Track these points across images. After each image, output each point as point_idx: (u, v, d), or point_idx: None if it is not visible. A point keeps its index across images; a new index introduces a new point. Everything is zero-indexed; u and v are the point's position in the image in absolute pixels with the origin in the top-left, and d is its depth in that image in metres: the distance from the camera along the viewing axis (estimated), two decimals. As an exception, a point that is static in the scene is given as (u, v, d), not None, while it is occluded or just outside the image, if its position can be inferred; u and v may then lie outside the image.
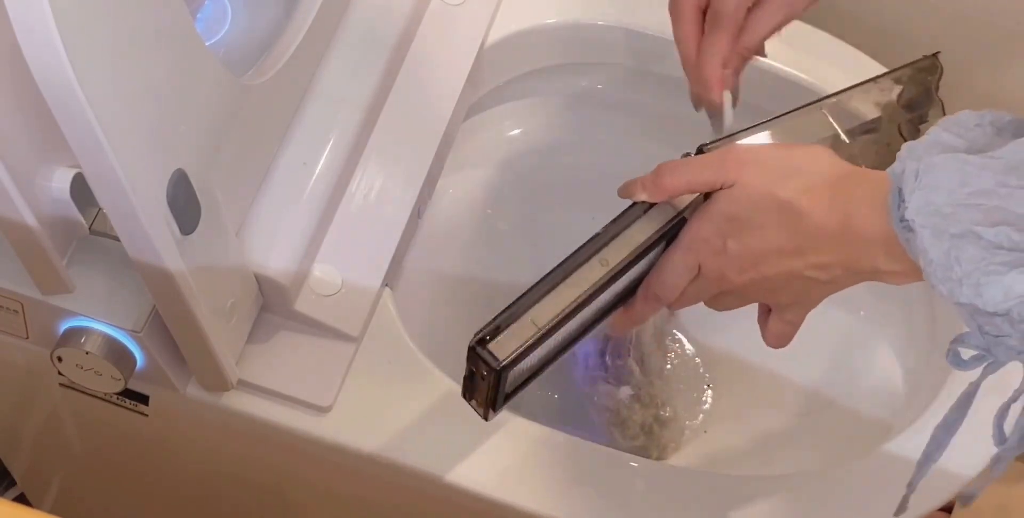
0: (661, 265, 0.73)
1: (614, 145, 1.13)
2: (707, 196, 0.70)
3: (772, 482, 0.88)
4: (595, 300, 0.71)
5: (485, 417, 0.74)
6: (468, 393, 0.73)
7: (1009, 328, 0.58)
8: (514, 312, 0.69)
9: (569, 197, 1.13)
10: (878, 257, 0.65)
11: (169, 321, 0.75)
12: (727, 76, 0.83)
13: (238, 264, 0.78)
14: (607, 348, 1.06)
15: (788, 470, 0.95)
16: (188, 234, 0.67)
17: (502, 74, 1.06)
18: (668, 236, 0.72)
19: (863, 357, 1.06)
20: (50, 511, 0.68)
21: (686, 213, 0.72)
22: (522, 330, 0.68)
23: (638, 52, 1.05)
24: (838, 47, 1.04)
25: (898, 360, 1.04)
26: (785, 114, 0.80)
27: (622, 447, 1.01)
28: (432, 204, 1.01)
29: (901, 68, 0.83)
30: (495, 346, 0.68)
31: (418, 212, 0.93)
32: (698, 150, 0.74)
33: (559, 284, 0.70)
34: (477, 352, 0.68)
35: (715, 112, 0.84)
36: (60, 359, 0.78)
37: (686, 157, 0.73)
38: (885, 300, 1.04)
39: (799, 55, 0.85)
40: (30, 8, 0.51)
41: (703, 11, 0.83)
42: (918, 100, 0.82)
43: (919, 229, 0.59)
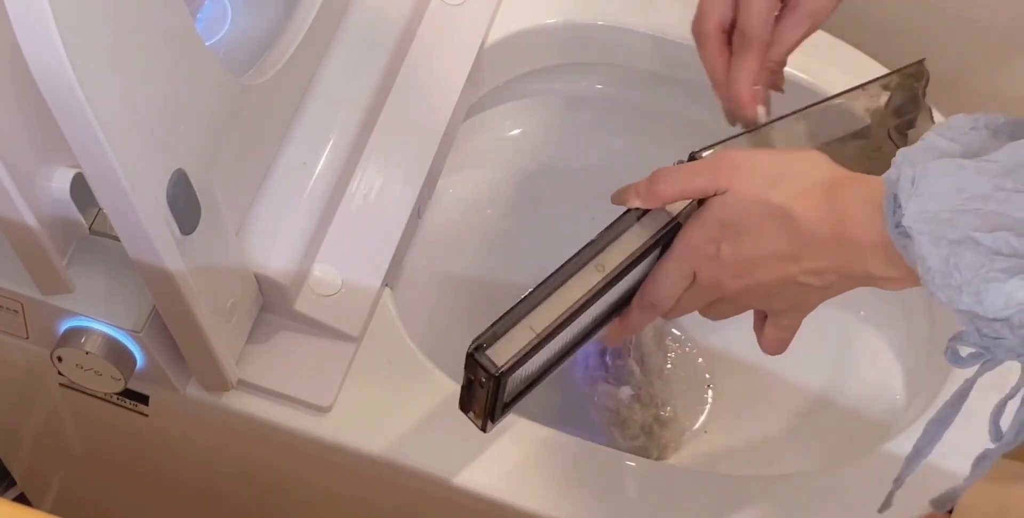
0: (655, 273, 0.73)
1: (614, 145, 1.13)
2: (701, 202, 0.70)
3: (772, 482, 0.88)
4: (592, 305, 0.70)
5: (483, 428, 0.74)
6: (465, 404, 0.73)
7: (1008, 333, 0.58)
8: (511, 318, 0.68)
9: (569, 197, 1.13)
10: (873, 263, 0.64)
11: (169, 321, 0.75)
12: (758, 92, 0.82)
13: (238, 264, 0.78)
14: (607, 348, 1.06)
15: (788, 470, 0.95)
16: (188, 234, 0.67)
17: (502, 74, 1.06)
18: (663, 242, 0.72)
19: (863, 357, 1.06)
20: (50, 511, 0.68)
21: (680, 219, 0.71)
22: (520, 336, 0.68)
23: (638, 52, 1.05)
24: (837, 47, 1.04)
25: (898, 360, 1.04)
26: (775, 120, 0.80)
27: (622, 447, 1.01)
28: (432, 204, 1.01)
29: (888, 75, 0.83)
30: (493, 352, 0.68)
31: (418, 212, 0.93)
32: (691, 157, 0.73)
33: (556, 290, 0.69)
34: (475, 358, 0.68)
35: (751, 128, 0.84)
36: (60, 359, 0.78)
37: (679, 164, 0.73)
38: (885, 300, 1.04)
39: (798, 55, 0.85)
40: (30, 8, 0.51)
41: (726, 31, 0.82)
42: (906, 106, 0.82)
43: (917, 235, 0.59)
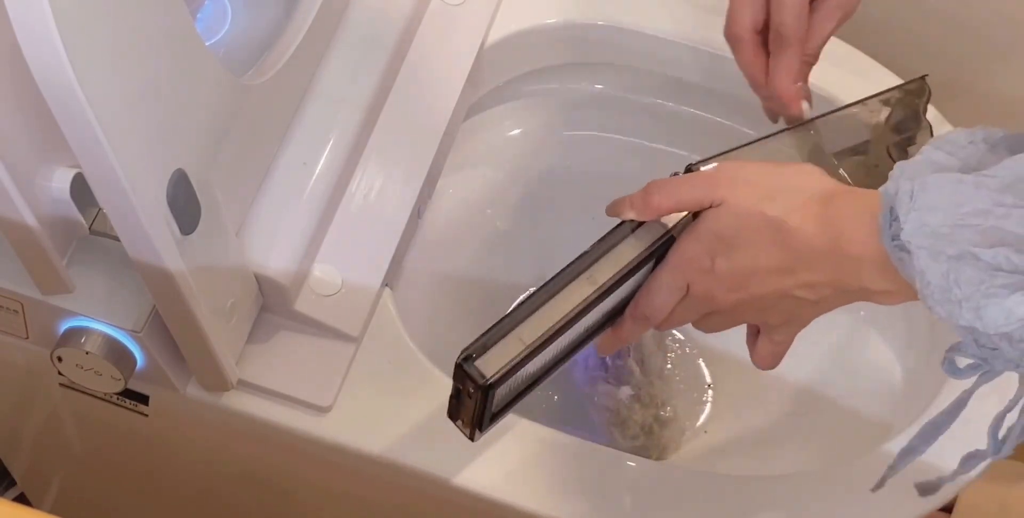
0: (649, 285, 0.72)
1: (614, 145, 1.13)
2: (696, 215, 0.70)
3: (772, 482, 0.88)
4: (583, 318, 0.70)
5: (471, 437, 0.73)
6: (454, 412, 0.73)
7: (1008, 346, 0.57)
8: (501, 329, 0.68)
9: (569, 197, 1.13)
10: (867, 276, 0.64)
11: (169, 321, 0.75)
12: (800, 88, 0.83)
13: (238, 264, 0.78)
14: (607, 349, 1.06)
15: (788, 470, 0.94)
16: (188, 234, 0.67)
17: (502, 74, 1.06)
18: (657, 255, 0.72)
19: (863, 357, 1.06)
20: (50, 511, 0.68)
21: (675, 232, 0.71)
22: (509, 347, 0.68)
23: (638, 52, 1.05)
24: (843, 50, 1.04)
25: (898, 360, 1.04)
26: (773, 134, 0.80)
27: (622, 447, 1.01)
28: (432, 204, 1.01)
29: (889, 90, 0.83)
30: (482, 363, 0.67)
31: (418, 212, 0.93)
32: (687, 169, 0.73)
33: (547, 302, 0.69)
34: (464, 369, 0.68)
35: (796, 122, 0.84)
36: (60, 359, 0.78)
37: (675, 175, 0.73)
38: (885, 300, 1.04)
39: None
40: (30, 8, 0.51)
41: (759, 31, 0.83)
42: (906, 122, 0.82)
43: (916, 250, 0.58)
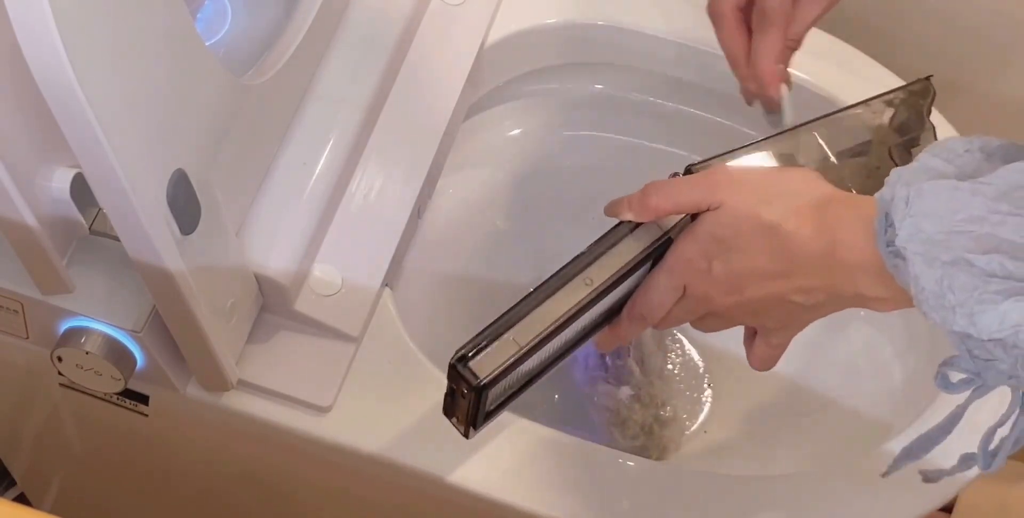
0: (646, 285, 0.72)
1: (614, 145, 1.13)
2: (694, 217, 0.70)
3: (772, 482, 0.88)
4: (578, 319, 0.70)
5: (466, 435, 0.73)
6: (449, 410, 0.73)
7: (1002, 353, 0.57)
8: (496, 330, 0.68)
9: (569, 197, 1.13)
10: (863, 282, 0.64)
11: (169, 321, 0.75)
12: (780, 71, 0.83)
13: (238, 264, 0.78)
14: (607, 349, 1.06)
15: (788, 470, 0.95)
16: (188, 234, 0.67)
17: (502, 74, 1.06)
18: (654, 256, 0.71)
19: (863, 357, 1.06)
20: (50, 511, 0.68)
21: (672, 233, 0.71)
22: (503, 348, 0.68)
23: (638, 52, 1.05)
24: (841, 49, 1.04)
25: (898, 360, 1.04)
26: (775, 135, 0.80)
27: (622, 447, 1.01)
28: (432, 204, 1.01)
29: (893, 91, 0.82)
30: (476, 364, 0.67)
31: (418, 212, 0.93)
32: (686, 170, 0.73)
33: (542, 303, 0.69)
34: (457, 369, 0.68)
35: (773, 107, 0.84)
36: (60, 359, 0.78)
37: (674, 177, 0.73)
38: (885, 300, 1.04)
39: (802, 57, 0.85)
40: (30, 8, 0.51)
41: (742, 9, 0.83)
42: (910, 124, 0.82)
43: (911, 256, 0.58)
